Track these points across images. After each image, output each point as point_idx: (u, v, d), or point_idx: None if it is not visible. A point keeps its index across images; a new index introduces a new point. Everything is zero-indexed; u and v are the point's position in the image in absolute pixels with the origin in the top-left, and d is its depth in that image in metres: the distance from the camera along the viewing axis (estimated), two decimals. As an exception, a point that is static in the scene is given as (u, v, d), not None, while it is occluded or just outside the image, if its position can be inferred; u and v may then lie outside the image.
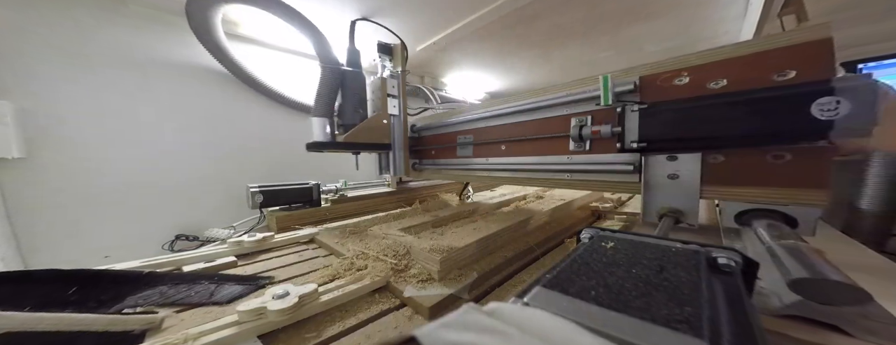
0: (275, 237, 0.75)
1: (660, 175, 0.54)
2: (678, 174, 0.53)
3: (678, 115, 0.51)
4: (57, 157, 0.87)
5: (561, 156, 0.69)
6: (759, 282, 0.33)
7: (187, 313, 0.45)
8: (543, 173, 0.73)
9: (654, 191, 0.55)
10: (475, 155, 0.90)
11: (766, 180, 0.46)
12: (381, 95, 0.96)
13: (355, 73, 0.96)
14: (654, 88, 0.56)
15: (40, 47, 0.84)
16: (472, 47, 1.43)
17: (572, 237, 0.80)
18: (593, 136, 0.60)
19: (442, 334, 0.16)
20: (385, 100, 0.96)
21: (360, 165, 1.12)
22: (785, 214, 0.45)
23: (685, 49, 1.46)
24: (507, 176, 0.81)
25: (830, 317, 0.29)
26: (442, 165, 1.02)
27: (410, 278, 0.52)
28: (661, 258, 0.29)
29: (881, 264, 0.50)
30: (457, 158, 0.96)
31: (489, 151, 0.86)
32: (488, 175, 0.86)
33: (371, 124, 0.94)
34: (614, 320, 0.20)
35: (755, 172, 0.46)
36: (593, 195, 1.18)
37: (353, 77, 0.95)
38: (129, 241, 0.98)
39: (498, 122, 0.84)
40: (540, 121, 0.74)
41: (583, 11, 1.12)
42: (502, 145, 0.82)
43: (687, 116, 0.50)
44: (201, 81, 1.12)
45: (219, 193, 1.16)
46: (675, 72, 0.55)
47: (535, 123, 0.75)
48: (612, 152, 0.60)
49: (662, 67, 0.56)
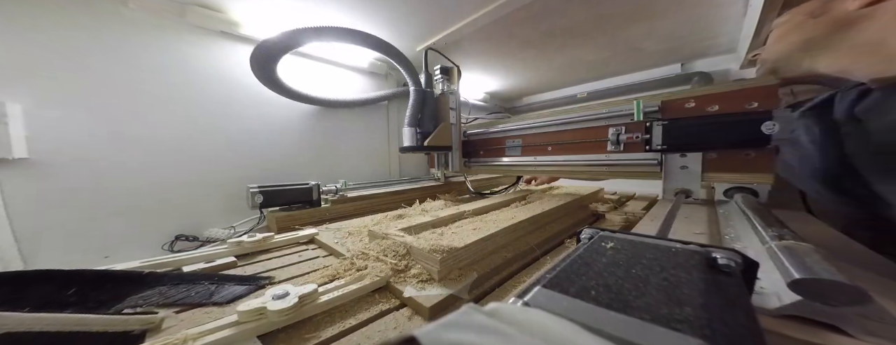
0: (275, 237, 0.75)
1: (675, 167, 0.83)
2: (687, 166, 0.82)
3: (688, 128, 0.78)
4: (58, 157, 0.87)
5: (600, 154, 0.98)
6: (759, 282, 0.33)
7: (187, 314, 0.45)
8: (585, 167, 1.03)
9: (671, 177, 0.84)
10: (523, 154, 1.21)
11: (741, 169, 0.74)
12: (446, 109, 1.29)
13: (430, 92, 1.29)
14: (671, 109, 0.85)
15: (42, 48, 0.84)
16: (472, 48, 1.43)
17: (572, 237, 0.80)
18: (628, 140, 0.90)
19: (442, 335, 0.16)
20: (448, 112, 1.28)
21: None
22: (752, 189, 0.73)
23: (685, 49, 1.47)
24: (552, 170, 1.14)
25: (830, 317, 0.29)
26: (491, 163, 1.35)
27: (410, 279, 0.52)
28: (661, 258, 0.29)
29: (881, 264, 0.50)
30: (505, 156, 1.28)
31: (536, 151, 1.17)
32: (534, 169, 1.19)
33: (441, 132, 1.26)
34: (614, 320, 0.20)
35: (735, 164, 0.75)
36: (593, 195, 1.18)
37: (430, 96, 1.29)
38: (129, 241, 0.98)
39: (545, 129, 1.14)
40: (583, 130, 1.03)
41: (582, 12, 1.12)
42: (549, 147, 1.13)
43: (693, 129, 0.77)
44: (202, 81, 1.12)
45: (219, 193, 1.16)
46: (686, 99, 0.83)
47: (579, 132, 1.04)
48: (639, 152, 0.88)
49: (677, 96, 0.85)
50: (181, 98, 1.08)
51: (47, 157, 0.85)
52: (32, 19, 0.83)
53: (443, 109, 1.29)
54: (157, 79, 1.03)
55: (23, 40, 0.82)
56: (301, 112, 1.42)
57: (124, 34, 0.97)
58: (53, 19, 0.86)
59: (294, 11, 1.11)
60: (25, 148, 0.82)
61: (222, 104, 1.18)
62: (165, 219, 1.05)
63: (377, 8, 1.10)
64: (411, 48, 1.45)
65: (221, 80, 1.17)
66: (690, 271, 0.26)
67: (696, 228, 0.55)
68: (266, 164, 1.30)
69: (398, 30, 1.27)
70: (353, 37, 1.15)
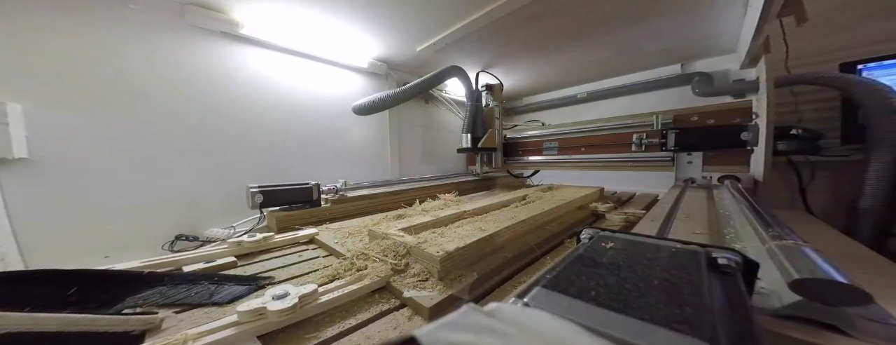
0: (275, 237, 0.75)
1: (683, 162, 1.24)
2: (692, 161, 1.22)
3: (693, 134, 1.19)
4: (58, 157, 0.87)
5: (624, 153, 1.39)
6: (759, 282, 0.33)
7: (187, 314, 0.45)
8: (612, 162, 1.44)
9: (680, 170, 1.24)
10: (559, 153, 1.65)
11: (730, 162, 1.14)
12: (491, 118, 1.68)
13: (480, 105, 1.68)
14: (680, 121, 1.27)
15: (42, 47, 0.84)
16: (473, 48, 1.43)
17: (572, 237, 0.80)
18: (648, 143, 1.30)
19: (442, 335, 0.16)
20: (493, 121, 1.67)
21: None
22: (737, 177, 1.07)
23: (685, 49, 1.47)
24: (584, 165, 1.55)
25: (830, 317, 0.29)
26: (529, 161, 1.81)
27: (410, 279, 0.52)
28: (662, 258, 0.29)
29: (881, 263, 0.50)
30: (542, 155, 1.72)
31: (571, 152, 1.60)
32: (569, 165, 1.61)
33: (490, 136, 1.65)
34: (614, 320, 0.20)
35: (726, 159, 1.15)
36: (593, 195, 1.18)
37: (480, 108, 1.68)
38: (129, 241, 0.98)
39: (579, 134, 1.58)
40: (611, 135, 1.45)
41: (583, 12, 1.12)
42: (582, 147, 1.55)
43: (696, 135, 1.19)
44: (202, 81, 1.13)
45: (219, 193, 1.16)
46: (691, 114, 1.25)
47: (608, 136, 1.46)
48: (656, 151, 1.29)
49: (685, 112, 1.26)
50: (181, 98, 1.08)
51: (47, 157, 0.85)
52: (32, 19, 0.83)
53: (489, 118, 1.68)
54: (158, 79, 1.03)
55: (23, 40, 0.82)
56: (301, 112, 1.42)
57: (124, 34, 0.97)
58: (53, 19, 0.86)
59: (295, 15, 1.11)
60: (25, 148, 0.82)
61: (222, 104, 1.18)
62: (165, 219, 1.05)
63: (378, 10, 1.10)
64: (412, 49, 1.45)
65: (221, 81, 1.17)
66: (690, 272, 0.26)
67: (696, 228, 0.55)
68: (266, 163, 1.31)
69: (399, 31, 1.27)
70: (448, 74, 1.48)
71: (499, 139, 1.71)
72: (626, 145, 1.35)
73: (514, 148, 1.85)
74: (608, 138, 1.45)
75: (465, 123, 1.62)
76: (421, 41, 1.38)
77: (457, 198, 1.22)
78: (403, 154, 1.86)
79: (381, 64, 1.63)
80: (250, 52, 1.24)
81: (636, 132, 1.32)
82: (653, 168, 1.30)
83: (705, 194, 0.93)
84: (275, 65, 1.32)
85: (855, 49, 1.14)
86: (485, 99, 1.69)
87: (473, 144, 1.62)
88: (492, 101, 1.68)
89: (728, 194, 0.85)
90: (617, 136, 1.41)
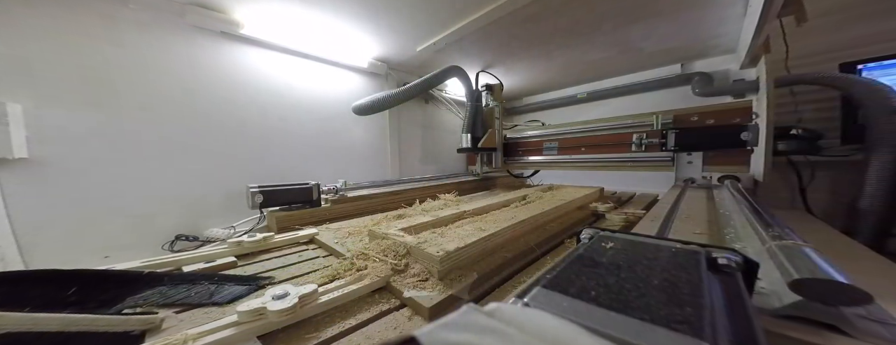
0: (275, 237, 0.75)
1: (683, 162, 1.23)
2: (692, 161, 1.21)
3: (693, 135, 1.18)
4: (58, 157, 0.87)
5: (625, 153, 1.38)
6: (759, 282, 0.33)
7: (187, 314, 0.45)
8: (612, 162, 1.43)
9: (680, 170, 1.23)
10: (559, 153, 1.63)
11: (730, 162, 1.13)
12: (491, 118, 1.67)
13: (480, 106, 1.67)
14: (680, 121, 1.25)
15: (43, 47, 0.84)
16: (473, 48, 1.43)
17: (572, 237, 0.80)
18: (648, 143, 1.29)
19: (442, 335, 0.16)
20: (493, 121, 1.66)
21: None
22: (737, 177, 1.06)
23: (685, 49, 1.46)
24: (584, 165, 1.53)
25: (830, 317, 0.29)
26: (529, 161, 1.80)
27: (410, 279, 0.52)
28: (662, 258, 0.29)
29: (881, 263, 0.50)
30: (542, 155, 1.71)
31: (571, 152, 1.58)
32: (568, 165, 1.60)
33: (489, 136, 1.64)
34: (614, 320, 0.20)
35: (726, 159, 1.14)
36: (593, 195, 1.18)
37: (480, 108, 1.67)
38: (129, 241, 0.98)
39: (579, 135, 1.56)
40: (611, 135, 1.44)
41: (583, 12, 1.12)
42: (582, 148, 1.54)
43: (696, 135, 1.17)
44: (202, 81, 1.12)
45: (219, 193, 1.16)
46: (691, 114, 1.23)
47: (608, 136, 1.45)
48: (656, 151, 1.28)
49: (685, 112, 1.25)
50: (181, 98, 1.08)
51: (47, 157, 0.85)
52: (33, 19, 0.83)
53: (489, 118, 1.67)
54: (157, 79, 1.03)
55: (23, 40, 0.82)
56: (301, 112, 1.42)
57: (124, 34, 0.97)
58: (54, 18, 0.86)
59: (295, 15, 1.11)
60: (25, 148, 0.82)
61: (222, 104, 1.18)
62: (165, 219, 1.05)
63: (378, 10, 1.10)
64: (412, 49, 1.45)
65: (221, 81, 1.17)
66: (690, 272, 0.26)
67: (696, 228, 0.55)
68: (266, 163, 1.30)
69: (399, 31, 1.27)
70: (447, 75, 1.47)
71: (499, 139, 1.71)
72: (626, 145, 1.35)
73: (514, 148, 1.84)
74: (608, 138, 1.44)
75: (465, 123, 1.62)
76: (421, 41, 1.38)
77: (457, 198, 1.22)
78: (403, 154, 1.86)
79: (381, 64, 1.63)
80: (250, 53, 1.24)
81: (636, 132, 1.32)
82: (653, 168, 1.30)
83: (705, 194, 0.92)
84: (275, 65, 1.32)
85: (855, 49, 1.14)
86: (485, 99, 1.69)
87: (473, 144, 1.62)
88: (492, 101, 1.68)
89: (728, 194, 0.85)
90: (617, 136, 1.41)
